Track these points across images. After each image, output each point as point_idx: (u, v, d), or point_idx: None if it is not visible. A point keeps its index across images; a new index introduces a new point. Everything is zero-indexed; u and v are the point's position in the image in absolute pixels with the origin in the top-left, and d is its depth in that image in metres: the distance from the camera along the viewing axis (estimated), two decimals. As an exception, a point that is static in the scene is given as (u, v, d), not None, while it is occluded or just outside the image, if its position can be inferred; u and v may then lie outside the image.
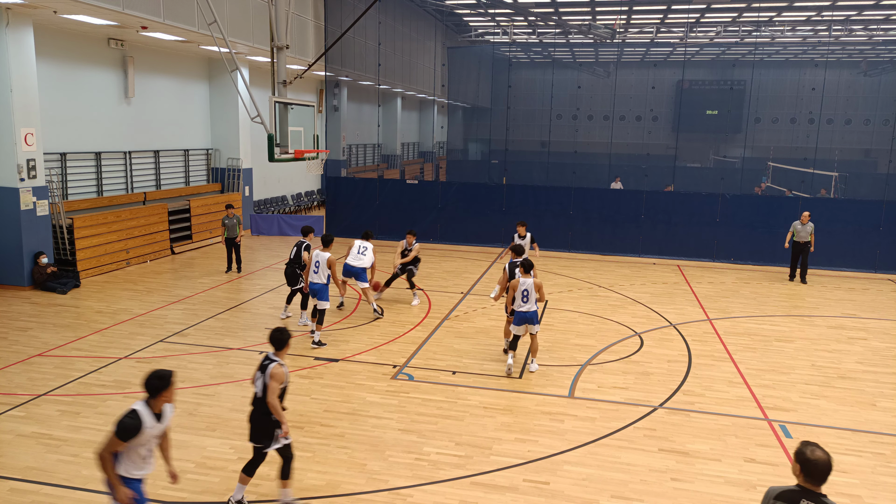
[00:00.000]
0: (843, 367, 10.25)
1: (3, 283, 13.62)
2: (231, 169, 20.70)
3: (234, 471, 6.72)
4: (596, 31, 28.21)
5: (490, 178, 28.62)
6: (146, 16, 13.63)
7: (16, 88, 12.87)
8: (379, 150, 33.18)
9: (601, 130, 32.98)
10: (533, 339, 9.73)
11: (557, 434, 7.68)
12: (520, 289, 9.52)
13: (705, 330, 11.97)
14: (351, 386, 8.98)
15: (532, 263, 9.71)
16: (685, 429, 7.94)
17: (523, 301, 9.49)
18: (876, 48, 32.17)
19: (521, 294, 9.51)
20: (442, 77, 32.27)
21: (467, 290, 14.55)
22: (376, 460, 7.02)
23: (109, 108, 16.43)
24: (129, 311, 12.27)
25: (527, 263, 9.69)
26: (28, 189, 13.40)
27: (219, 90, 20.27)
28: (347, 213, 20.82)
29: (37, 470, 6.68)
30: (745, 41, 29.74)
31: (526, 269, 9.61)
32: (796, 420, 8.28)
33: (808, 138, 29.10)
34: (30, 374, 9.16)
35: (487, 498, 6.38)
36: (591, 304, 13.60)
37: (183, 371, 9.38)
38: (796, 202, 18.37)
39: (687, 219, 18.59)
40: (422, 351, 10.47)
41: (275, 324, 11.70)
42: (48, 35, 14.32)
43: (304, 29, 20.63)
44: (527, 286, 9.50)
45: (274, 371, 5.84)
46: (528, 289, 9.50)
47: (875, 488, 6.73)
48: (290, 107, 12.43)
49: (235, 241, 15.44)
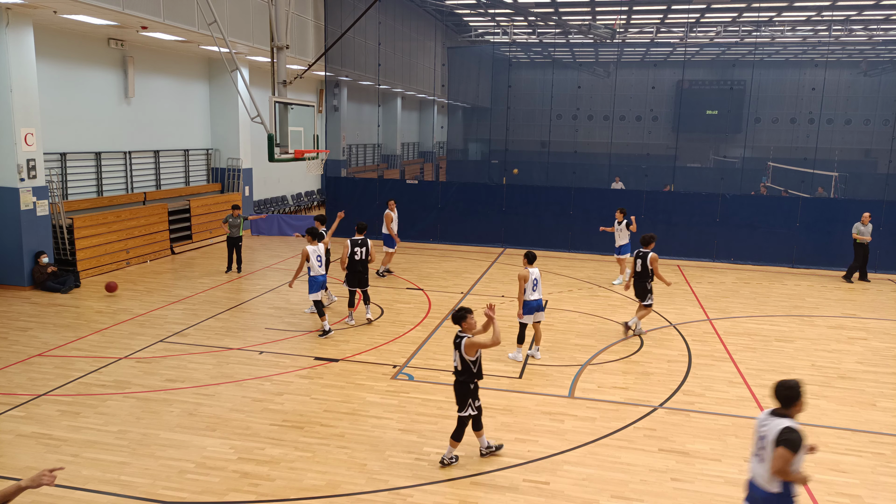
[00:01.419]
0: (843, 367, 10.25)
1: (3, 283, 13.63)
2: (231, 169, 20.70)
3: (234, 471, 6.73)
4: (596, 31, 28.21)
5: (490, 178, 28.63)
6: (146, 16, 13.63)
7: (16, 88, 12.87)
8: (379, 150, 33.17)
9: (601, 130, 32.98)
10: (537, 329, 10.21)
11: (557, 434, 7.68)
12: (530, 278, 9.87)
13: (705, 330, 11.97)
14: (351, 386, 8.98)
15: (652, 237, 11.26)
16: (685, 429, 7.94)
17: (533, 290, 9.90)
18: (876, 48, 32.18)
19: (532, 283, 9.89)
20: (442, 77, 32.27)
21: (467, 290, 14.55)
22: (376, 460, 7.02)
23: (109, 108, 16.43)
24: (129, 311, 12.27)
25: (646, 238, 11.33)
26: (28, 189, 13.40)
27: (219, 90, 20.27)
28: (347, 213, 20.75)
29: (37, 470, 6.67)
30: (745, 41, 29.74)
31: (645, 243, 11.11)
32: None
33: (808, 138, 29.12)
34: (30, 374, 9.16)
35: (487, 498, 6.38)
36: (591, 304, 13.60)
37: (183, 371, 9.39)
38: (796, 202, 18.37)
39: (687, 219, 18.59)
40: (422, 351, 10.47)
41: (275, 324, 11.71)
42: (48, 35, 14.32)
43: (304, 29, 20.63)
44: (535, 275, 9.94)
45: (467, 343, 6.72)
46: (537, 278, 9.95)
47: (875, 488, 6.73)
48: (290, 107, 12.44)
49: (238, 241, 15.51)
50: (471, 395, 6.85)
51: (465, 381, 6.82)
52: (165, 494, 6.31)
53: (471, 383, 6.83)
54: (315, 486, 6.51)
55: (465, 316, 6.82)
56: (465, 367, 6.80)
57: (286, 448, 7.22)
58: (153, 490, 6.37)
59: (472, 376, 6.82)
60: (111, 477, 6.57)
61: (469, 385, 6.83)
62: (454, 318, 6.88)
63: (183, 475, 6.64)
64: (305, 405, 8.33)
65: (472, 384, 6.84)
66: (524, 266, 10.04)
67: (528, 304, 9.93)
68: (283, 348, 10.43)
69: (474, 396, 6.89)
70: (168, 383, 8.93)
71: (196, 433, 7.53)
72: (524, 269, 9.96)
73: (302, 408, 8.24)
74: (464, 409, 6.85)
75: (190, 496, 6.30)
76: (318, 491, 6.43)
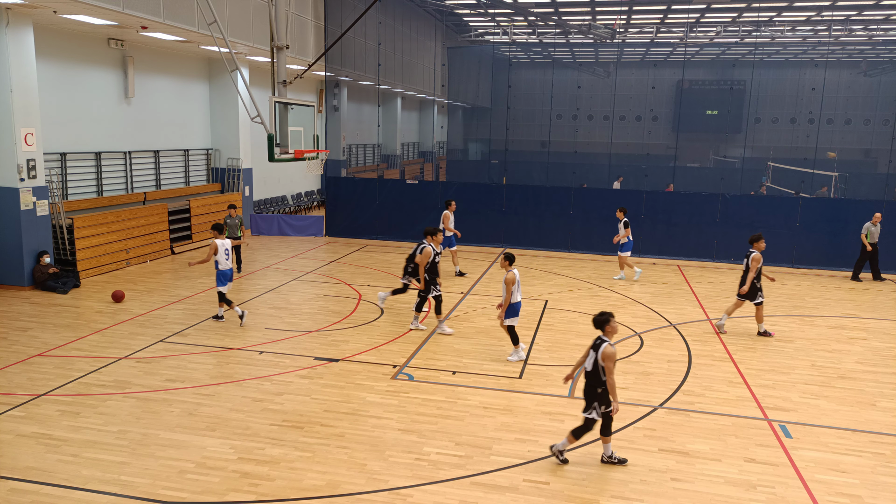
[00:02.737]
0: (843, 367, 10.25)
1: (4, 283, 13.62)
2: (231, 169, 20.70)
3: (234, 471, 6.73)
4: (596, 31, 28.22)
5: (490, 178, 28.62)
6: (146, 16, 13.63)
7: (16, 88, 12.87)
8: (379, 150, 33.18)
9: (601, 130, 32.99)
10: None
11: (557, 434, 7.68)
12: (517, 280, 9.83)
13: (705, 330, 11.97)
14: (351, 386, 8.98)
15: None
16: (685, 429, 7.94)
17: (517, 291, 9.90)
18: (876, 48, 32.18)
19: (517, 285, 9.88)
20: (442, 77, 32.28)
21: (467, 290, 14.55)
22: (376, 460, 7.02)
23: (109, 108, 16.43)
24: (129, 311, 12.27)
25: (753, 238, 11.42)
26: (28, 189, 13.40)
27: (219, 90, 20.27)
28: (347, 214, 20.84)
29: (37, 470, 6.68)
30: (745, 41, 29.74)
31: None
32: (796, 420, 8.28)
33: (808, 138, 29.13)
34: (30, 374, 9.16)
35: (487, 498, 6.38)
36: (591, 304, 13.59)
37: (183, 371, 9.39)
38: (796, 202, 18.38)
39: (687, 219, 18.59)
40: (422, 351, 10.47)
41: (274, 324, 11.71)
42: (48, 35, 14.32)
43: (304, 29, 20.63)
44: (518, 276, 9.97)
45: (606, 350, 6.69)
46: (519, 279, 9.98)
47: (875, 488, 6.73)
48: (290, 107, 12.43)
49: (237, 241, 15.48)
50: (597, 398, 6.79)
51: (592, 384, 6.81)
52: (165, 494, 6.31)
53: (598, 387, 6.76)
54: (315, 486, 6.51)
55: (609, 320, 6.81)
56: (594, 370, 6.79)
57: (286, 448, 7.22)
58: (153, 490, 6.37)
59: (600, 382, 6.75)
60: (111, 477, 6.57)
61: (596, 389, 6.78)
62: (597, 322, 6.86)
63: (183, 475, 6.64)
64: (305, 405, 8.33)
65: (599, 388, 6.76)
66: (507, 269, 9.79)
67: (514, 306, 9.85)
68: (283, 348, 10.43)
69: (601, 401, 6.79)
70: (168, 383, 8.93)
71: (196, 433, 7.53)
72: (510, 273, 9.73)
73: (302, 408, 8.24)
74: (588, 409, 6.85)
75: (190, 496, 6.30)
76: (318, 491, 6.43)
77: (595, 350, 6.81)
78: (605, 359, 6.69)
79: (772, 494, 6.55)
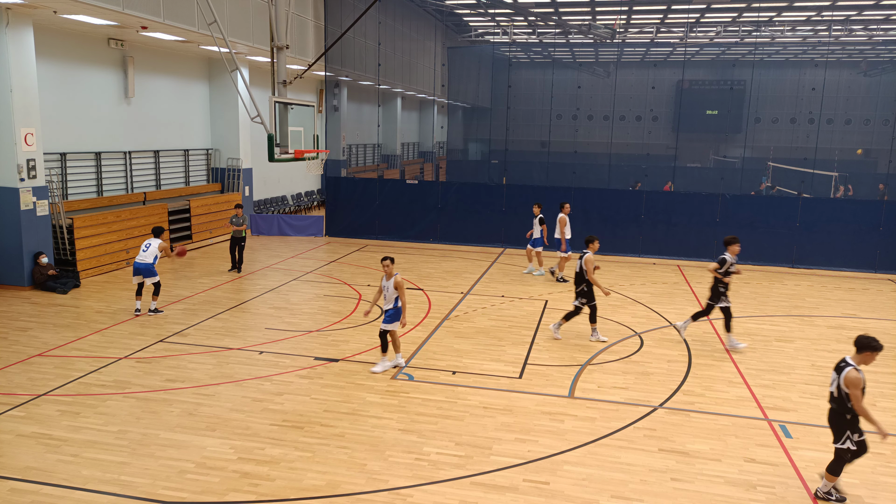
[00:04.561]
0: (843, 367, 10.23)
1: (3, 283, 13.63)
2: (231, 169, 20.70)
3: (234, 471, 6.73)
4: (596, 31, 28.21)
5: (490, 178, 28.60)
6: (146, 16, 13.63)
7: (16, 88, 12.87)
8: (379, 150, 33.18)
9: (601, 130, 32.93)
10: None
11: (557, 434, 7.68)
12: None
13: (705, 330, 11.97)
14: (351, 386, 8.98)
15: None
16: (685, 429, 7.93)
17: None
18: (876, 48, 32.17)
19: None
20: (442, 77, 32.27)
21: (467, 290, 14.55)
22: (376, 460, 7.02)
23: (109, 108, 16.43)
24: (129, 311, 12.27)
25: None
26: (28, 189, 13.40)
27: (219, 90, 20.27)
28: (347, 213, 20.83)
29: (37, 470, 6.68)
30: (745, 41, 29.74)
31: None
32: (796, 420, 8.28)
33: (808, 138, 29.09)
34: (30, 374, 9.16)
35: (487, 498, 6.38)
36: (591, 304, 13.58)
37: (183, 371, 9.39)
38: (796, 202, 18.38)
39: (687, 219, 18.59)
40: (422, 351, 10.47)
41: (274, 324, 11.71)
42: (48, 35, 14.31)
43: (304, 29, 20.63)
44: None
45: (849, 376, 6.15)
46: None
47: (875, 488, 6.73)
48: (290, 107, 12.43)
49: (241, 241, 15.55)
50: (848, 426, 6.28)
51: (838, 410, 6.32)
52: (165, 494, 6.31)
53: (846, 414, 6.26)
54: (315, 486, 6.51)
55: (874, 346, 6.18)
56: (839, 396, 6.28)
57: (286, 448, 7.23)
58: (153, 490, 6.37)
59: (846, 409, 6.25)
60: (111, 477, 6.57)
61: (844, 416, 6.27)
62: (859, 343, 6.25)
63: (183, 475, 6.64)
64: (305, 405, 8.33)
65: (847, 415, 6.26)
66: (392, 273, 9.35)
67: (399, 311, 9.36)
68: (283, 348, 10.43)
69: (852, 429, 6.29)
70: (168, 383, 8.93)
71: (196, 433, 7.53)
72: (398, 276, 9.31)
73: (302, 408, 8.24)
74: (840, 440, 6.33)
75: (190, 496, 6.30)
76: (318, 491, 6.43)
77: (838, 373, 6.28)
78: (848, 384, 6.15)
79: (772, 494, 6.56)
